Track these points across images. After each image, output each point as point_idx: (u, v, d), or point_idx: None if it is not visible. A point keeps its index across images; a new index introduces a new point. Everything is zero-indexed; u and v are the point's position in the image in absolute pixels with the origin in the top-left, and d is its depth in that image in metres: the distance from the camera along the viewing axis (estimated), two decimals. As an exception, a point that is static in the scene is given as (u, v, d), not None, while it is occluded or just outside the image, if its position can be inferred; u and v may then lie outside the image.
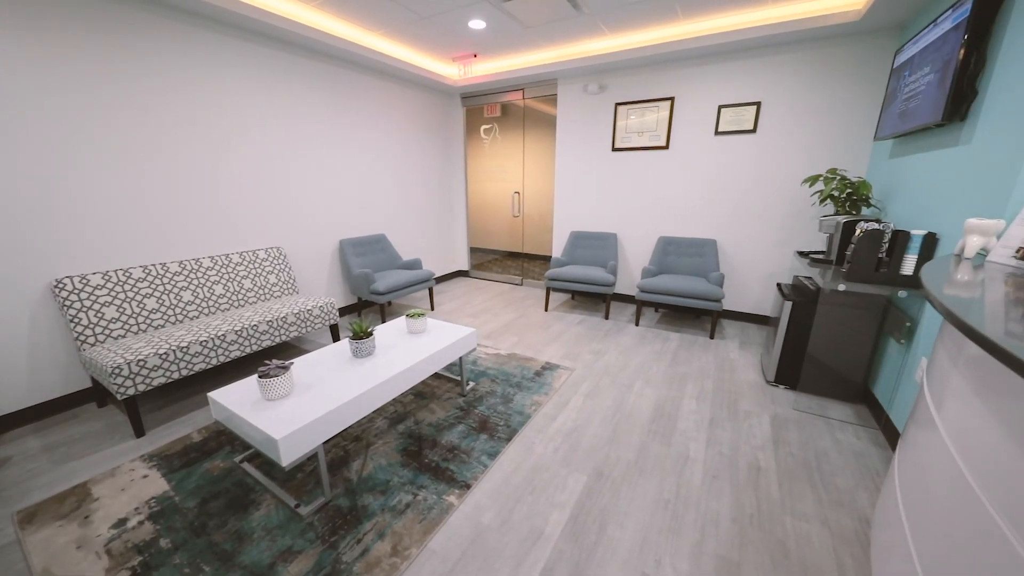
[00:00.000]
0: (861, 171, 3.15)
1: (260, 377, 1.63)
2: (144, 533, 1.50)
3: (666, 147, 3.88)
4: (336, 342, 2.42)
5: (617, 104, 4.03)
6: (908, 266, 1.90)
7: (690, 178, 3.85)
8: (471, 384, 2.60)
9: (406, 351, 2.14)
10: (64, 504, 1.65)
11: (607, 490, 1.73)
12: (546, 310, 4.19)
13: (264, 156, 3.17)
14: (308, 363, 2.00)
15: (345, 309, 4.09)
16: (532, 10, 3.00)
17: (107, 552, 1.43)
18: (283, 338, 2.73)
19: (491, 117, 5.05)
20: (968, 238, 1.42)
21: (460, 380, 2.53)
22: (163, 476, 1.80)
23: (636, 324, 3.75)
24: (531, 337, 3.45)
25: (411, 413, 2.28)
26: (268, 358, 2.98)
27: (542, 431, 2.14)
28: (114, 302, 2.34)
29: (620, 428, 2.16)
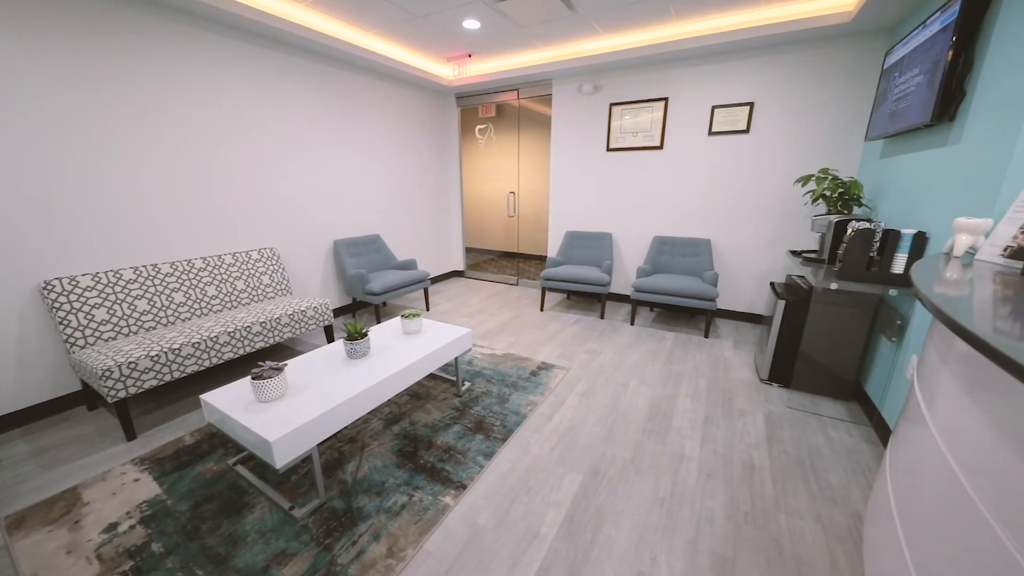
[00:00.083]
0: (852, 171, 3.19)
1: (253, 379, 1.62)
2: (135, 537, 1.49)
3: (660, 147, 3.90)
4: (330, 343, 2.41)
5: (612, 104, 4.04)
6: (899, 265, 1.92)
7: (684, 178, 3.87)
8: (467, 384, 2.59)
9: (401, 352, 2.13)
10: (53, 509, 1.62)
11: (603, 489, 1.74)
12: (542, 310, 4.19)
13: (258, 156, 3.15)
14: (302, 364, 1.99)
15: (340, 310, 4.07)
16: (526, 10, 3.00)
17: (98, 557, 1.41)
18: (277, 339, 2.70)
19: (486, 117, 5.04)
20: (957, 237, 1.44)
21: (456, 380, 2.53)
22: (155, 480, 1.78)
23: (631, 323, 3.76)
24: (527, 337, 3.45)
25: (406, 414, 2.27)
26: (262, 360, 2.96)
27: (538, 431, 2.14)
28: (104, 304, 2.31)
29: (616, 427, 2.17)
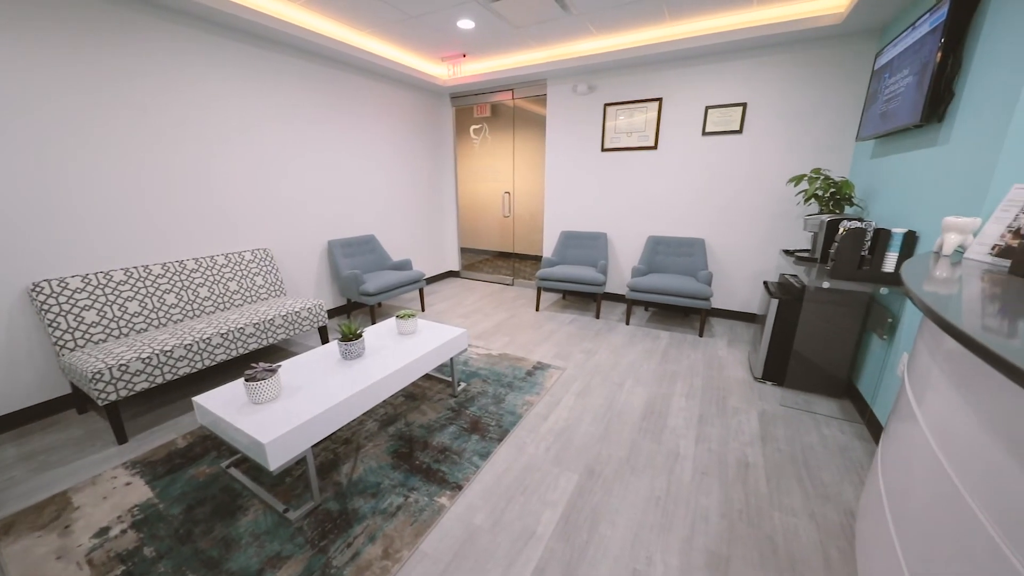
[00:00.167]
0: (844, 171, 3.22)
1: (247, 380, 1.61)
2: (127, 542, 1.47)
3: (655, 147, 3.91)
4: (325, 344, 2.40)
5: (606, 104, 4.05)
6: (889, 264, 1.94)
7: (678, 178, 3.88)
8: (462, 385, 2.59)
9: (396, 352, 2.12)
10: (43, 514, 1.60)
11: (599, 488, 1.74)
12: (537, 310, 4.19)
13: (251, 156, 3.12)
14: (296, 366, 1.98)
15: (334, 311, 4.05)
16: (520, 10, 3.00)
17: (88, 562, 1.39)
18: (270, 341, 2.68)
19: (481, 117, 5.04)
20: (946, 236, 1.46)
21: (451, 381, 2.52)
22: (147, 483, 1.76)
23: (627, 323, 3.78)
24: (522, 337, 3.45)
25: (402, 415, 2.27)
26: (255, 361, 2.93)
27: (534, 431, 2.14)
28: (94, 306, 2.28)
29: (611, 426, 2.18)
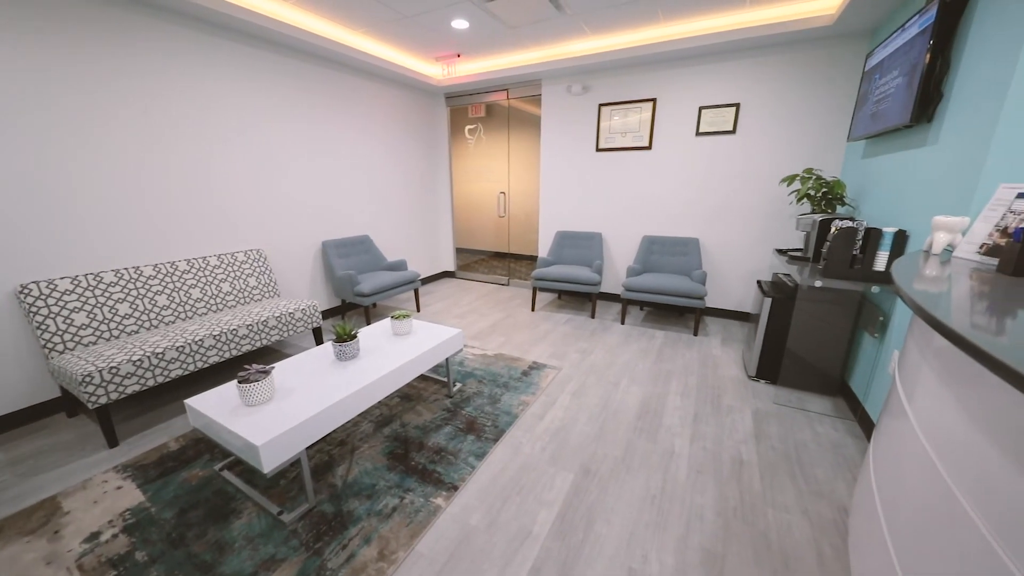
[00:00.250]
0: (836, 171, 3.25)
1: (240, 382, 1.60)
2: (118, 546, 1.45)
3: (649, 148, 3.93)
4: (319, 345, 2.38)
5: (601, 105, 4.07)
6: (880, 262, 1.96)
7: (672, 178, 3.90)
8: (458, 385, 2.58)
9: (391, 353, 2.12)
10: (32, 519, 1.57)
11: (594, 487, 1.74)
12: (533, 310, 4.20)
13: (245, 156, 3.10)
14: (290, 367, 1.96)
15: (328, 312, 4.02)
16: (515, 10, 3.00)
17: (79, 567, 1.37)
18: (264, 342, 2.66)
19: (476, 117, 5.03)
20: (935, 235, 1.47)
21: (447, 381, 2.51)
22: (138, 487, 1.74)
23: (622, 322, 3.79)
24: (518, 337, 3.45)
25: (397, 416, 2.26)
26: (248, 363, 2.91)
27: (529, 430, 2.14)
28: (84, 308, 2.25)
29: (607, 426, 2.18)
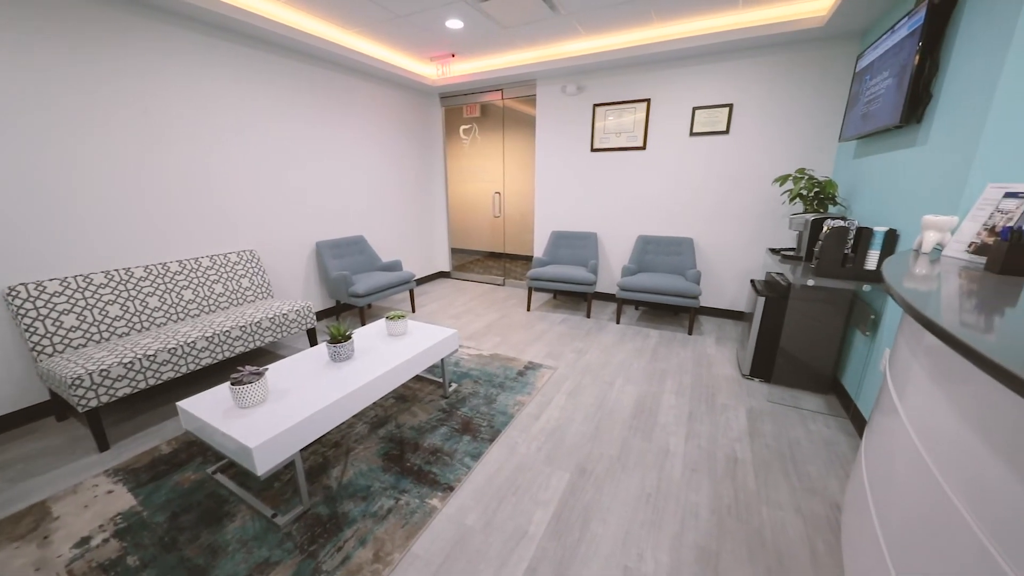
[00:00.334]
0: (828, 171, 3.28)
1: (233, 384, 1.58)
2: (109, 551, 1.43)
3: (643, 148, 3.95)
4: (313, 346, 2.37)
5: (595, 105, 4.08)
6: (871, 261, 1.98)
7: (667, 178, 3.92)
8: (453, 386, 2.58)
9: (386, 354, 2.11)
10: (20, 524, 1.55)
11: (590, 487, 1.75)
12: (528, 310, 4.20)
13: (238, 156, 3.07)
14: (284, 368, 1.95)
15: (323, 313, 4.00)
16: (509, 10, 3.00)
17: (69, 573, 1.35)
18: (257, 344, 2.64)
19: (470, 117, 5.02)
20: (925, 234, 1.49)
21: (442, 382, 2.51)
22: (130, 491, 1.72)
23: (617, 322, 3.80)
24: (514, 337, 3.45)
25: (392, 417, 2.25)
26: (242, 365, 2.89)
27: (525, 430, 2.14)
28: (73, 310, 2.22)
29: (602, 425, 2.19)
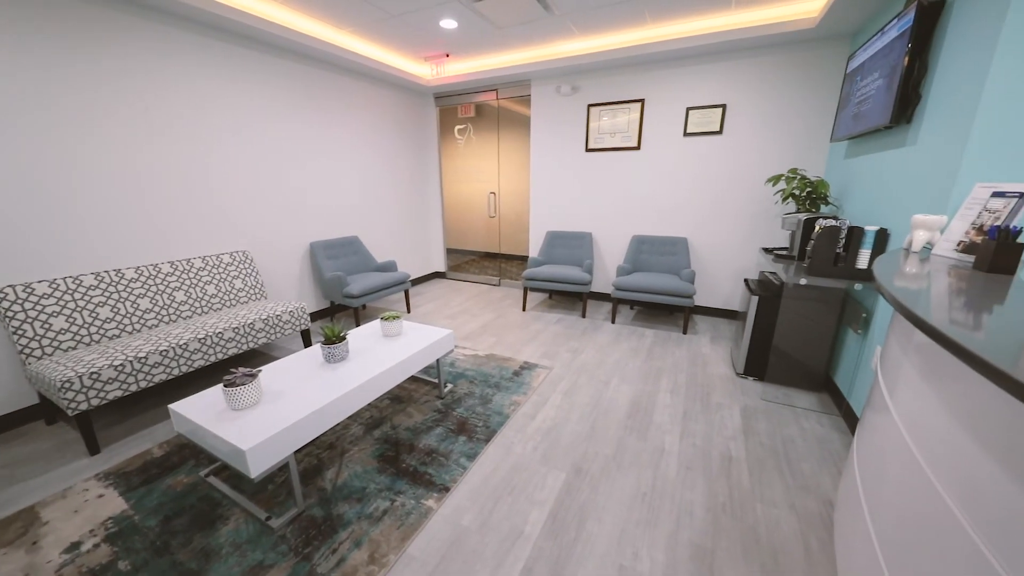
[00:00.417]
0: (820, 171, 3.31)
1: (226, 386, 1.57)
2: (100, 556, 1.41)
3: (638, 148, 3.96)
4: (307, 347, 2.35)
5: (590, 105, 4.09)
6: (863, 260, 2.00)
7: (661, 178, 3.94)
8: (449, 386, 2.57)
9: (381, 355, 2.10)
10: (9, 530, 1.53)
11: (586, 486, 1.75)
12: (524, 310, 4.20)
13: (232, 157, 3.04)
14: (278, 370, 1.94)
15: (317, 314, 3.97)
16: (503, 10, 3.00)
17: (58, 579, 1.34)
18: (251, 345, 2.62)
19: (465, 117, 5.02)
20: (915, 233, 1.51)
21: (438, 383, 2.50)
22: (121, 495, 1.70)
23: (612, 322, 3.81)
24: (509, 337, 3.45)
25: (387, 418, 2.24)
26: (235, 366, 2.86)
27: (521, 430, 2.14)
28: (63, 312, 2.19)
29: (598, 424, 2.19)
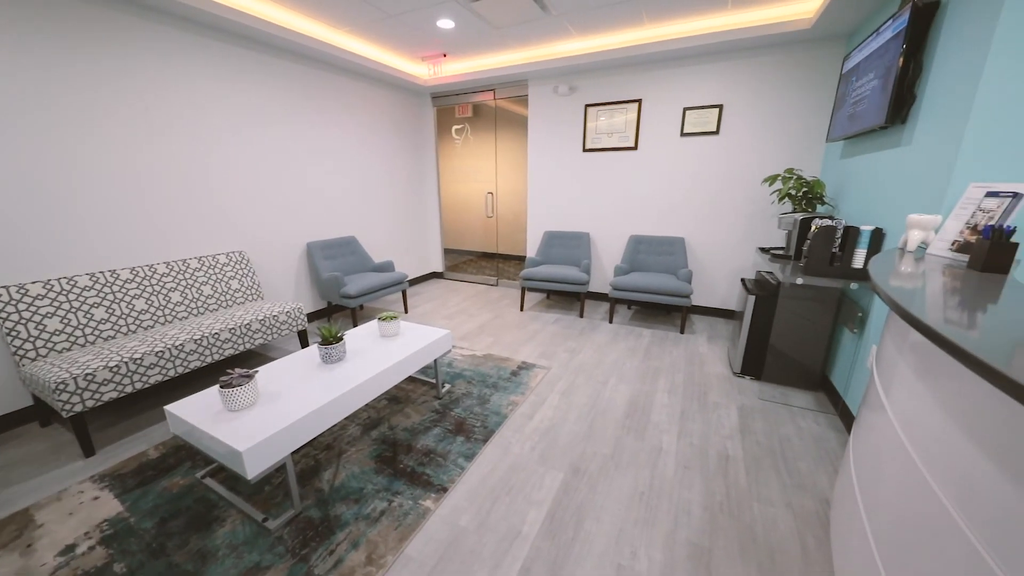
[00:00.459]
0: (816, 171, 3.33)
1: (222, 387, 1.56)
2: (95, 559, 1.40)
3: (635, 148, 3.97)
4: (304, 348, 2.34)
5: (587, 105, 4.09)
6: (858, 260, 2.02)
7: (658, 178, 3.95)
8: (447, 386, 2.57)
9: (378, 355, 2.09)
10: (3, 533, 1.51)
11: (584, 486, 1.75)
12: (521, 310, 4.20)
13: (228, 157, 3.03)
14: (274, 371, 1.93)
15: (314, 314, 3.96)
16: (500, 11, 3.00)
17: (53, 582, 1.33)
18: (247, 346, 2.61)
19: (463, 117, 5.01)
20: (910, 233, 1.52)
21: (435, 383, 2.50)
22: (116, 497, 1.69)
23: (610, 321, 3.81)
24: (507, 337, 3.45)
25: (385, 418, 2.23)
26: (231, 367, 2.85)
27: (519, 430, 2.14)
28: (57, 313, 2.18)
29: (595, 424, 2.19)
